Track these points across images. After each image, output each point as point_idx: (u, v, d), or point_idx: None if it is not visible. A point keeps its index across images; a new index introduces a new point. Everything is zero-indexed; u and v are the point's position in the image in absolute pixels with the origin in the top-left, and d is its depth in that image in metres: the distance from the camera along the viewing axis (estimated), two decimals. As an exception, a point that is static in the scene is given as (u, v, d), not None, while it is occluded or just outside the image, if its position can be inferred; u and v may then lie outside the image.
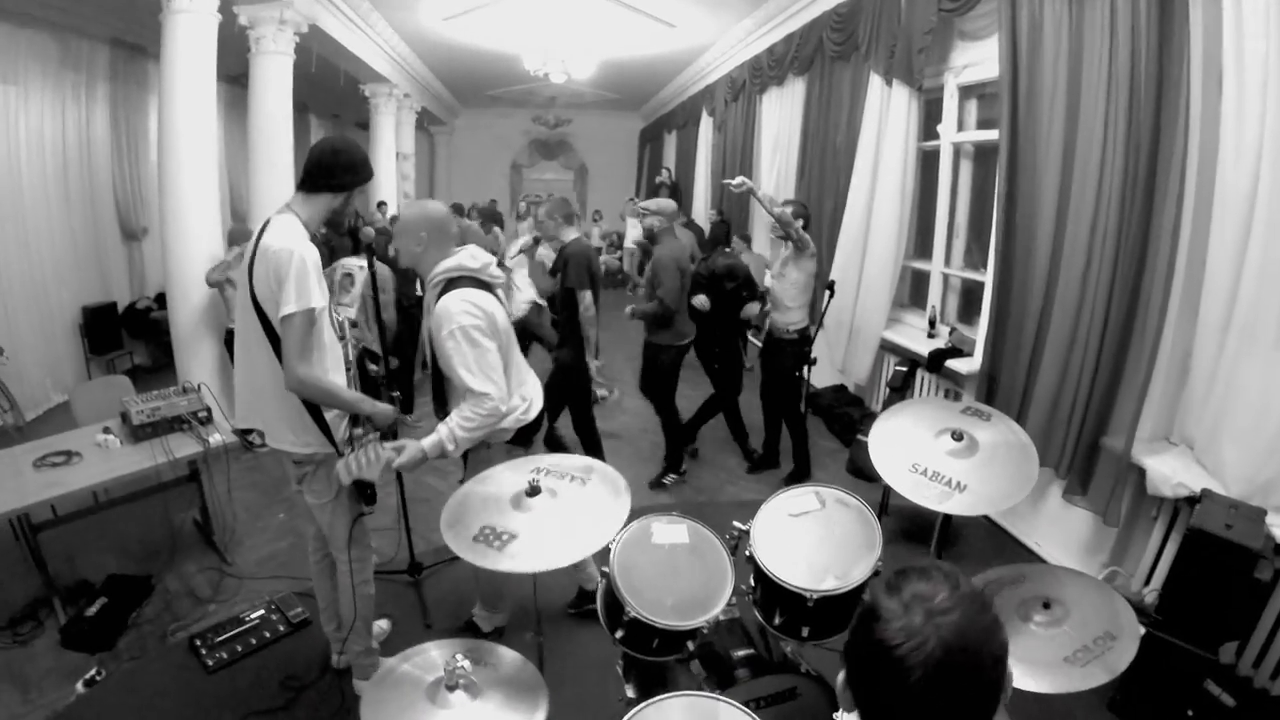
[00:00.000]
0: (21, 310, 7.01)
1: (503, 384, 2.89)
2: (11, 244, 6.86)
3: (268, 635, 3.71)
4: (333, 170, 2.77)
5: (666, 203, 5.41)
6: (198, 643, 3.63)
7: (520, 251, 7.18)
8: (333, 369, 2.84)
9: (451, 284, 2.91)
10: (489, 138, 19.73)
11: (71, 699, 3.33)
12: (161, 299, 8.57)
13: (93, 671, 3.43)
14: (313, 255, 2.64)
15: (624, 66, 12.55)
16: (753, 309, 5.72)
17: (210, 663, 3.51)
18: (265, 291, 2.63)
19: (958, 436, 2.71)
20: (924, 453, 2.71)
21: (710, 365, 5.98)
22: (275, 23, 6.95)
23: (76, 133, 7.79)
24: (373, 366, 3.93)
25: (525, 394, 3.19)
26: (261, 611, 3.86)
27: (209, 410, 4.27)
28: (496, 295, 3.06)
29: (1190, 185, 3.54)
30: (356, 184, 2.85)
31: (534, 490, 2.18)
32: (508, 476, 2.42)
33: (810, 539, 2.60)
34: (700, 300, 5.49)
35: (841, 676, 1.15)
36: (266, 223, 2.73)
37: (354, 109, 14.03)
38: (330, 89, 11.44)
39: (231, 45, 6.38)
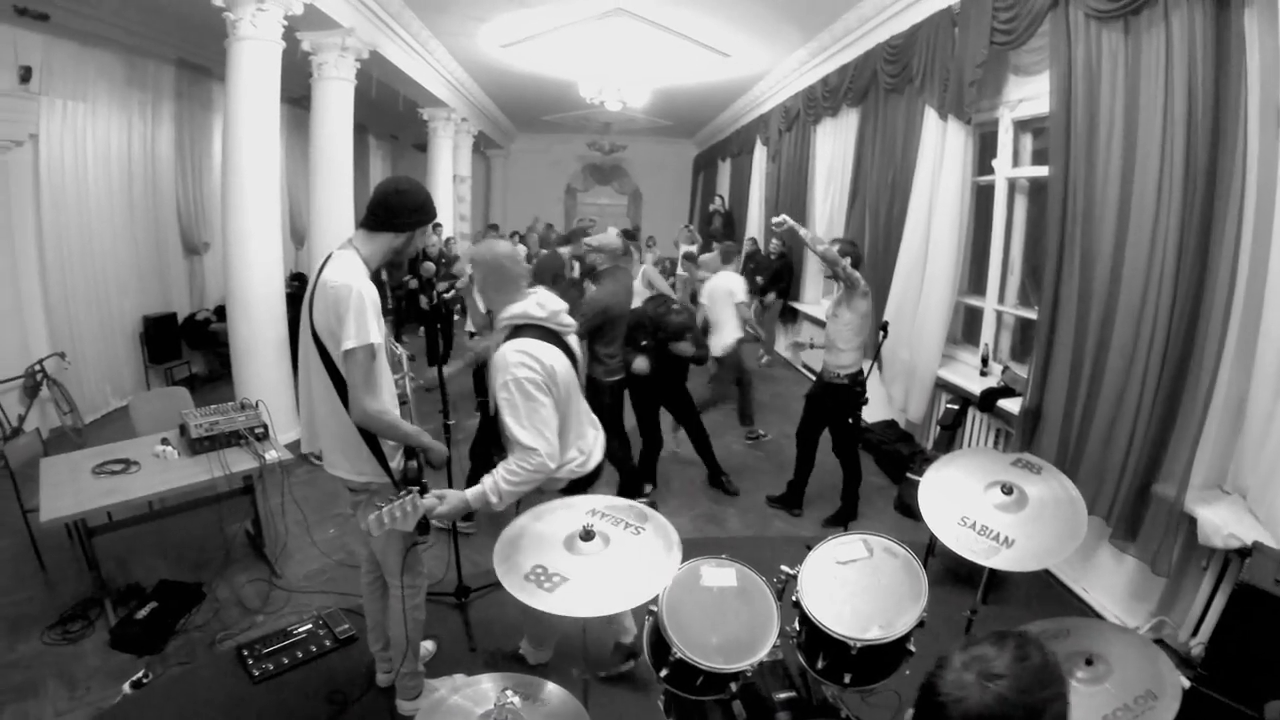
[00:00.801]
0: (84, 317, 7.24)
1: (554, 440, 2.79)
2: (77, 254, 7.08)
3: (314, 649, 3.75)
4: (396, 210, 2.82)
5: (612, 241, 5.23)
6: (245, 652, 3.68)
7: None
8: (389, 402, 2.89)
9: (517, 331, 2.88)
10: (544, 162, 20.00)
11: (118, 699, 3.40)
12: (220, 311, 8.77)
13: (140, 673, 3.50)
14: (371, 293, 2.69)
15: (678, 94, 12.65)
16: (685, 348, 5.43)
17: (256, 673, 3.56)
18: (324, 325, 2.69)
19: (1008, 490, 2.69)
20: (973, 505, 2.69)
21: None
22: (337, 49, 7.14)
23: (142, 149, 8.04)
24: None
25: (583, 446, 3.11)
26: (309, 625, 3.91)
27: (266, 427, 4.36)
28: (565, 343, 2.99)
29: (1248, 226, 3.47)
30: (419, 224, 2.89)
31: (588, 535, 2.19)
32: (563, 515, 2.42)
33: (856, 587, 2.61)
34: (640, 365, 5.28)
35: (910, 713, 1.29)
36: (329, 257, 2.79)
37: (412, 131, 14.32)
38: (389, 111, 11.67)
39: (294, 68, 6.56)
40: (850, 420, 5.15)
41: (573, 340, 3.07)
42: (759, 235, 11.96)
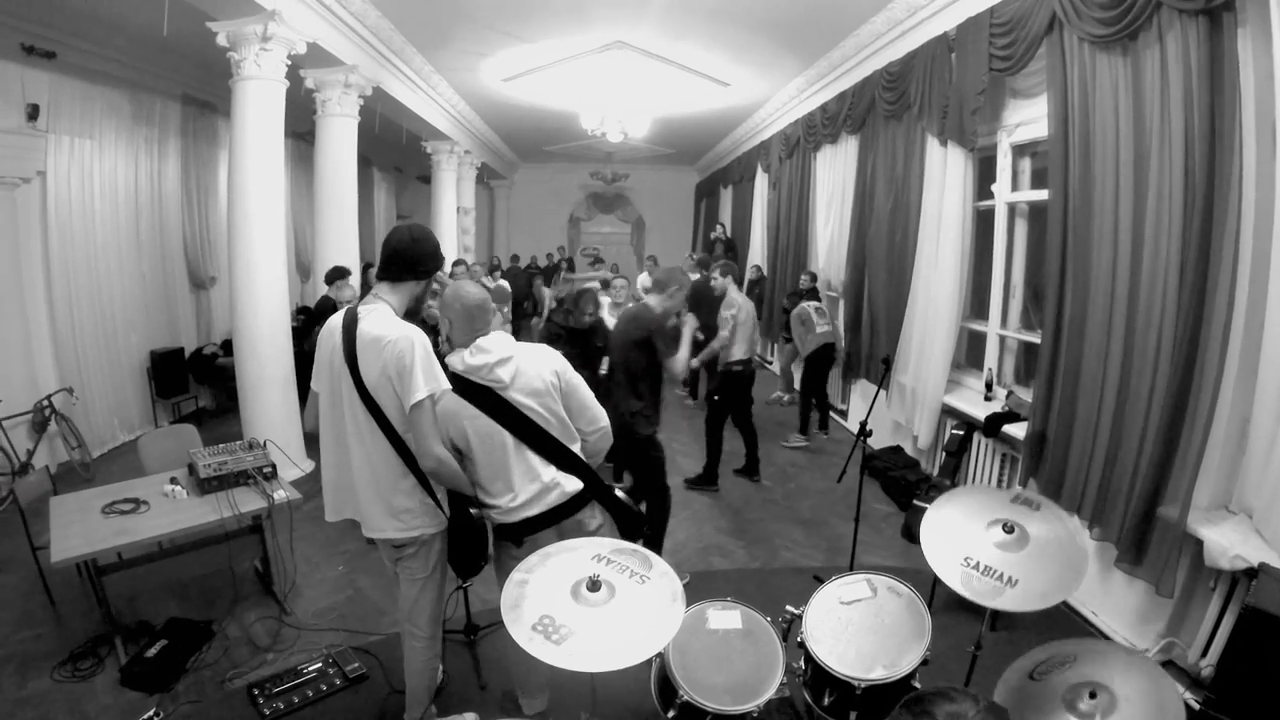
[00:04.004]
0: (92, 353, 7.28)
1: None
2: (85, 289, 7.14)
3: (324, 688, 3.71)
4: (417, 259, 2.89)
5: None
6: (255, 691, 3.65)
7: None
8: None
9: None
10: (547, 191, 20.13)
11: (129, 738, 3.38)
12: (227, 345, 8.82)
13: (151, 712, 3.46)
14: (427, 341, 2.76)
15: (679, 123, 12.76)
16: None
17: (267, 712, 3.52)
18: (379, 381, 2.73)
19: (1009, 529, 2.69)
20: (975, 545, 2.69)
21: None
22: (341, 86, 7.25)
23: (149, 185, 8.11)
24: None
25: (511, 503, 3.04)
26: (319, 664, 3.88)
27: (274, 466, 4.35)
28: (497, 395, 2.97)
29: (1246, 245, 3.49)
30: (435, 270, 2.98)
31: (595, 585, 2.20)
32: (569, 559, 2.42)
33: (861, 626, 2.66)
34: None
35: None
36: (354, 313, 2.82)
37: (416, 163, 14.45)
38: (393, 145, 11.79)
39: (298, 102, 6.63)
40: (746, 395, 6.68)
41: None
42: (762, 262, 11.99)
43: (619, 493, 3.25)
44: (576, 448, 3.09)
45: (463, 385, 2.88)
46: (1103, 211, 4.23)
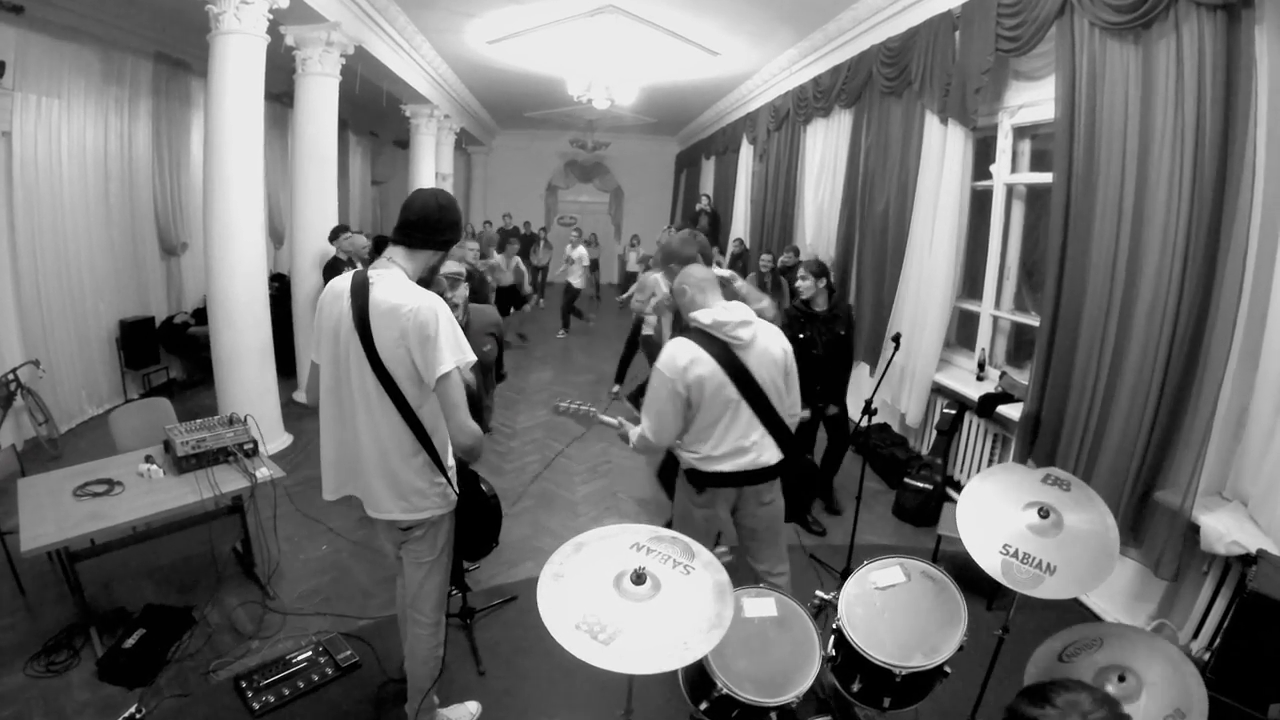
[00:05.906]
0: (59, 323, 7.02)
1: (662, 429, 3.14)
2: (51, 256, 6.87)
3: (315, 678, 3.57)
4: (440, 227, 2.70)
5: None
6: (243, 683, 3.49)
7: None
8: None
9: (684, 331, 3.22)
10: (526, 159, 19.85)
11: (112, 737, 3.22)
12: (199, 314, 8.59)
13: (133, 708, 3.29)
14: (447, 309, 2.60)
15: (663, 91, 12.55)
16: None
17: (257, 705, 3.37)
18: (396, 353, 2.55)
19: (1044, 513, 2.64)
20: (1013, 532, 2.64)
21: None
22: (322, 44, 7.03)
23: (119, 147, 7.80)
24: None
25: (710, 450, 3.19)
26: (309, 653, 3.73)
27: (255, 443, 4.17)
28: (732, 352, 3.10)
29: (1254, 238, 3.50)
30: (455, 241, 2.80)
31: (640, 578, 2.09)
32: (604, 547, 2.31)
33: (897, 612, 2.64)
34: None
35: None
36: (364, 277, 2.63)
37: (393, 128, 14.20)
38: (371, 108, 11.55)
39: (274, 63, 6.38)
40: None
41: (743, 350, 3.13)
42: (745, 235, 11.86)
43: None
44: (791, 421, 3.30)
45: (705, 339, 3.09)
46: (1105, 197, 4.23)
